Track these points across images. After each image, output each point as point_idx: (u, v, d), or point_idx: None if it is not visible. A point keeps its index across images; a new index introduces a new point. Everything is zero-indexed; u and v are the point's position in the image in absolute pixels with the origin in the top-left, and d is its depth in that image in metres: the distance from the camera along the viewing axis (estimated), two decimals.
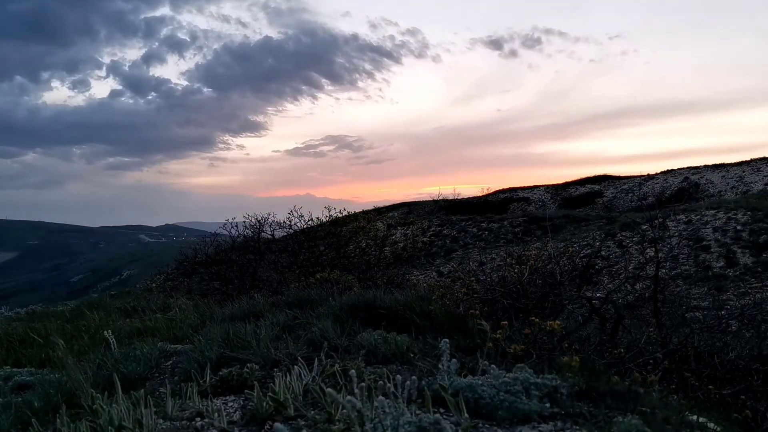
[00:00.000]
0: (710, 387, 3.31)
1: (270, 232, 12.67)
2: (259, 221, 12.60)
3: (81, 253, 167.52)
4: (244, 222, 12.83)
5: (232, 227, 12.75)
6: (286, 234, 12.91)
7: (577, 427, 1.92)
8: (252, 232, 12.65)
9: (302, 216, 12.42)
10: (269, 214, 12.79)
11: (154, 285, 24.12)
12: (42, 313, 12.33)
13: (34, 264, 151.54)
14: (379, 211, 37.17)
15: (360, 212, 18.34)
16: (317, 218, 12.62)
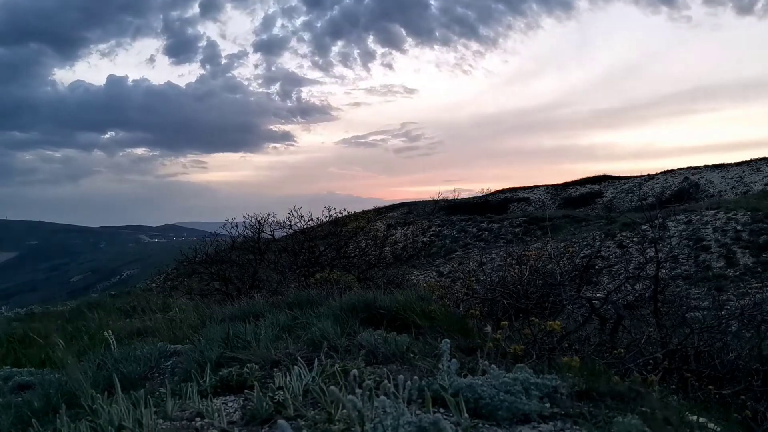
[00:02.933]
0: (710, 387, 3.31)
1: (270, 232, 12.68)
2: (258, 221, 12.62)
3: (81, 253, 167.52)
4: (244, 222, 12.85)
5: (232, 227, 12.76)
6: (286, 234, 12.92)
7: (577, 427, 1.92)
8: (252, 232, 12.66)
9: (302, 216, 12.44)
10: (269, 214, 12.81)
11: (154, 285, 24.13)
12: (42, 314, 12.34)
13: (34, 264, 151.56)
14: (379, 211, 37.17)
15: (360, 212, 18.37)
16: (317, 218, 12.64)
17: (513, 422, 1.94)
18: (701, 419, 2.17)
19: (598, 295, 5.03)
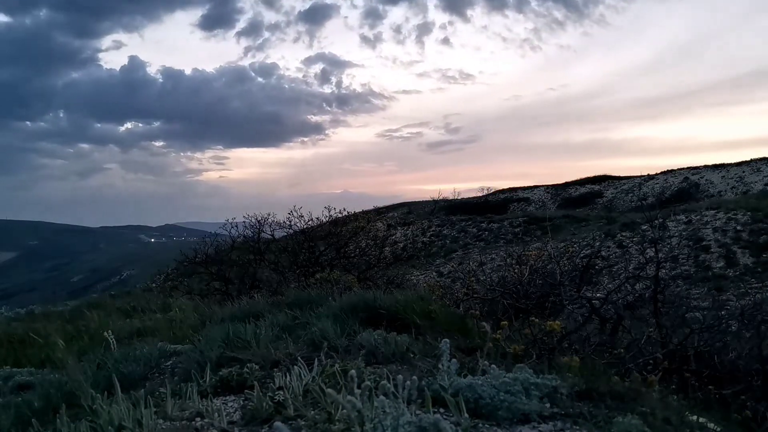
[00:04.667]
0: (710, 387, 3.31)
1: (270, 233, 12.67)
2: (258, 221, 12.61)
3: (81, 253, 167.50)
4: (244, 222, 12.84)
5: (232, 227, 12.75)
6: (286, 234, 12.92)
7: (577, 427, 1.92)
8: (252, 233, 12.65)
9: (302, 216, 12.44)
10: (269, 214, 12.80)
11: (154, 285, 24.14)
12: (42, 314, 12.34)
13: (34, 264, 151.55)
14: (379, 211, 37.19)
15: (360, 212, 18.38)
16: (317, 218, 12.64)
17: (513, 422, 1.94)
18: (701, 419, 2.17)
19: (598, 295, 5.03)
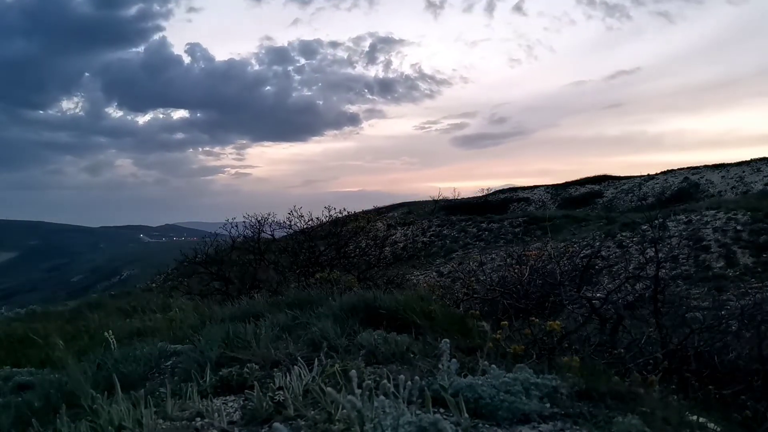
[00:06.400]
0: (710, 387, 3.31)
1: (270, 232, 12.67)
2: (259, 221, 12.61)
3: (81, 253, 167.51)
4: (243, 222, 12.84)
5: (232, 227, 12.76)
6: (286, 234, 12.93)
7: (577, 427, 1.92)
8: (252, 232, 12.66)
9: (302, 216, 12.45)
10: (269, 214, 12.80)
11: (154, 285, 24.16)
12: (42, 314, 12.35)
13: (34, 264, 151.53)
14: (379, 211, 37.19)
15: (360, 212, 18.40)
16: (317, 218, 12.64)
17: (513, 422, 1.94)
18: (701, 419, 2.17)
19: (598, 295, 5.03)
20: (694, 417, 2.14)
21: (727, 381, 3.59)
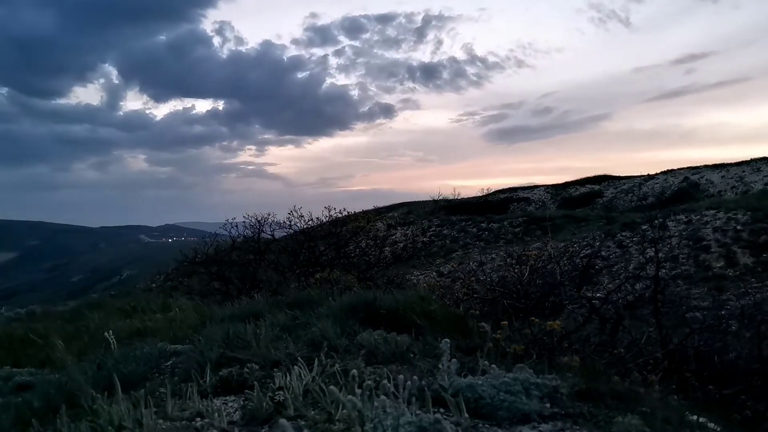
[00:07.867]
0: (710, 387, 3.31)
1: (270, 232, 12.68)
2: (258, 221, 12.62)
3: (81, 253, 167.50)
4: (243, 222, 12.85)
5: (232, 227, 12.77)
6: (286, 234, 12.94)
7: (577, 427, 1.92)
8: (252, 233, 12.66)
9: (302, 216, 12.45)
10: (269, 214, 12.81)
11: (154, 285, 24.17)
12: (42, 314, 12.34)
13: (34, 264, 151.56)
14: (379, 211, 37.18)
15: (360, 212, 18.40)
16: (317, 218, 12.65)
17: (513, 422, 1.94)
18: (701, 419, 2.17)
19: (598, 295, 5.03)
20: (694, 417, 2.14)
21: (727, 381, 3.59)
